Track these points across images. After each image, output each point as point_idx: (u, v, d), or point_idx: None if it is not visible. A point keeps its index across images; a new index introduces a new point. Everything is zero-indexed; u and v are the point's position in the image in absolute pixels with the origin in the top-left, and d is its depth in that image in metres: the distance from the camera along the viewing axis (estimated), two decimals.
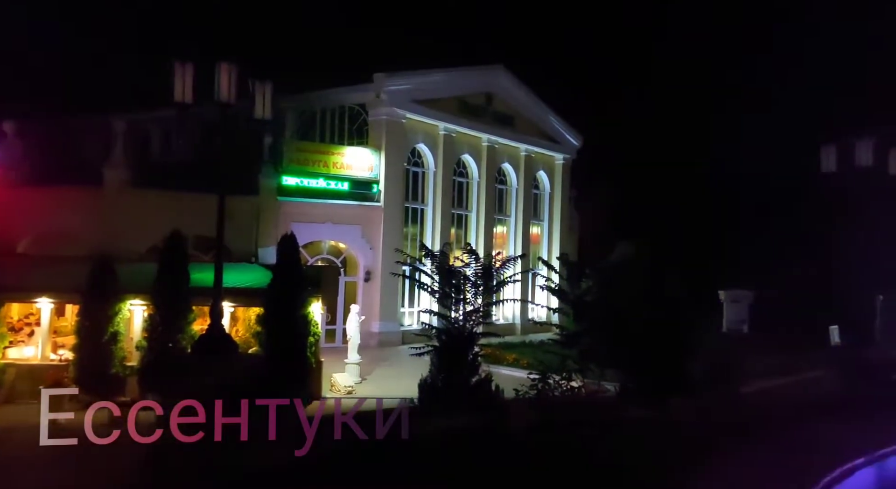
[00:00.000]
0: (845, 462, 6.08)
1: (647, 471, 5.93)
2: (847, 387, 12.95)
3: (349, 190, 22.73)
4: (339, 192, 22.41)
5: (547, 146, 30.83)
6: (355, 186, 22.89)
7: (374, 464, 6.92)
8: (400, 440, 7.18)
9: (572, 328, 15.65)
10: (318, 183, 22.05)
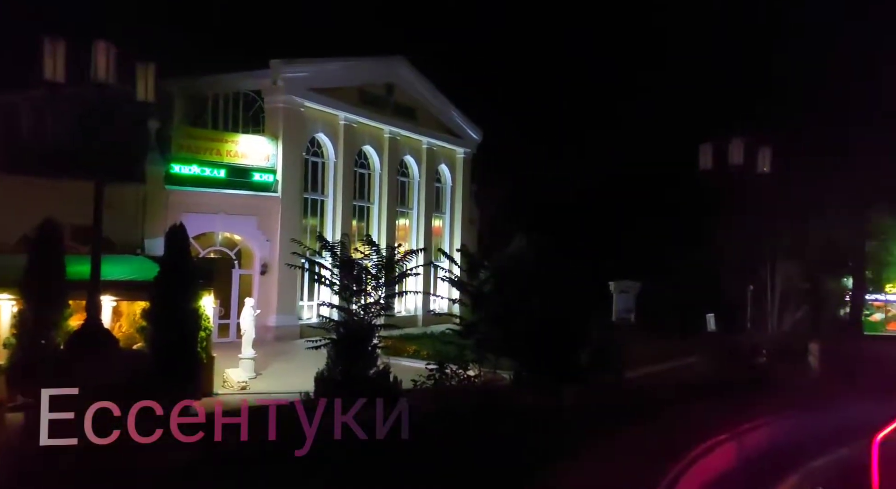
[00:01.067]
0: (710, 437, 6.56)
1: (538, 452, 6.13)
2: (718, 370, 13.95)
3: (244, 180, 21.93)
4: (233, 182, 21.57)
5: (448, 140, 31.11)
6: (251, 176, 22.12)
7: (264, 463, 6.72)
8: (293, 434, 7.03)
9: (470, 319, 15.94)
10: (210, 172, 21.12)
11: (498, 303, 14.97)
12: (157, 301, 11.93)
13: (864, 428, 6.64)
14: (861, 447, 6.63)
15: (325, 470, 6.18)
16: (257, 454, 6.76)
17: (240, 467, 6.46)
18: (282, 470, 6.43)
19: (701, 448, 6.45)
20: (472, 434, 7.59)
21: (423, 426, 8.18)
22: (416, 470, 5.93)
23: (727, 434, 6.99)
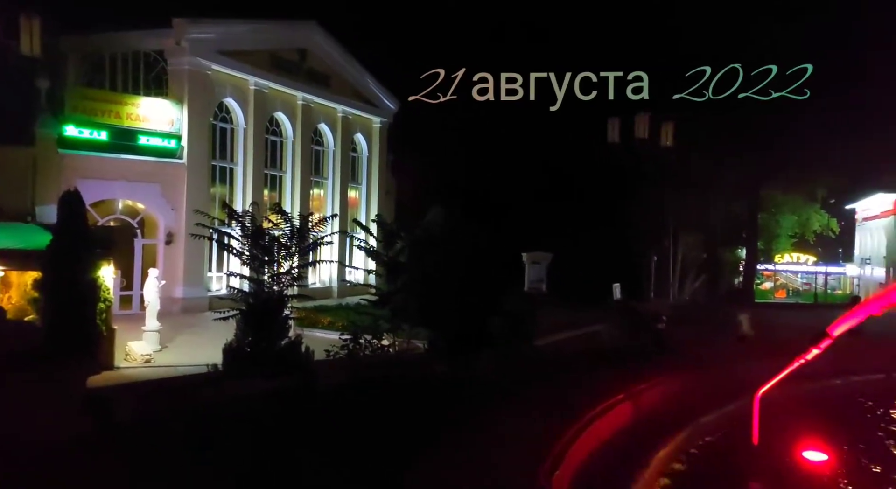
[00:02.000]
0: (609, 397, 6.89)
1: (449, 416, 6.25)
2: (622, 336, 14.62)
3: (146, 145, 20.78)
4: (134, 147, 20.40)
5: (364, 109, 30.61)
6: (154, 141, 20.99)
7: (169, 433, 6.52)
8: (197, 404, 6.84)
9: (386, 289, 15.92)
10: (108, 135, 19.88)
11: (413, 274, 15.02)
12: (50, 270, 11.21)
13: (750, 385, 7.15)
14: (745, 402, 7.13)
15: (231, 441, 6.06)
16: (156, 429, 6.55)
17: (137, 444, 6.23)
18: (180, 444, 6.24)
19: (600, 407, 6.77)
20: (386, 401, 7.63)
21: (335, 395, 8.18)
22: (324, 439, 5.91)
23: (624, 394, 7.36)
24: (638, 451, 6.15)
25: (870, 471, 6.82)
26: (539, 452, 5.10)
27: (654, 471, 5.92)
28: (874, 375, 9.40)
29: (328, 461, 5.30)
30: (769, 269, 38.16)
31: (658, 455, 6.21)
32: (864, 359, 10.04)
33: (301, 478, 4.99)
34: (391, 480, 4.56)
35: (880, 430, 8.46)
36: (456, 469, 5.02)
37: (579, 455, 5.65)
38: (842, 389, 9.84)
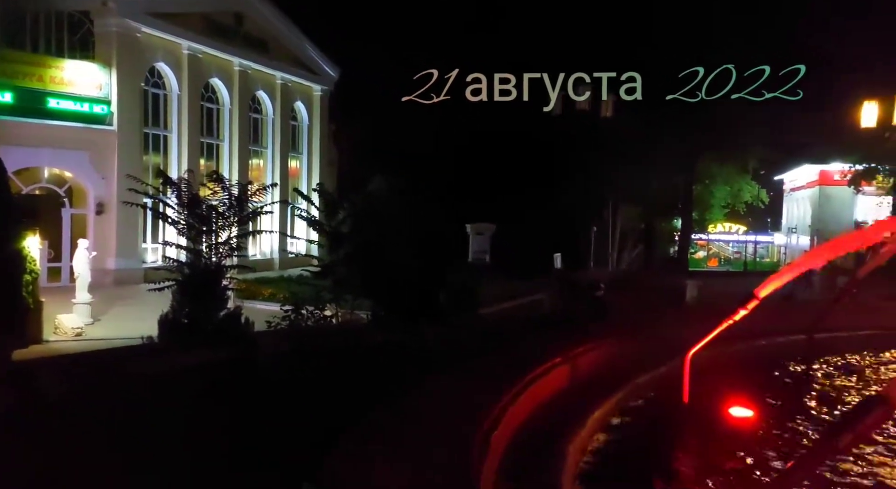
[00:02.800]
0: (547, 362, 7.04)
1: (391, 384, 6.27)
2: (562, 304, 14.95)
3: (73, 110, 19.77)
4: (59, 112, 19.38)
5: (304, 76, 29.86)
6: (80, 106, 19.97)
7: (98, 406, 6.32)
8: (129, 377, 6.65)
9: (328, 260, 15.76)
10: (31, 100, 18.81)
11: (357, 244, 14.90)
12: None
13: (683, 347, 7.39)
14: (678, 363, 7.38)
15: (164, 413, 5.93)
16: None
17: (63, 419, 6.03)
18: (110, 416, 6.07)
19: (540, 370, 6.93)
20: (328, 371, 7.59)
21: (276, 365, 8.09)
22: (262, 409, 5.85)
23: (563, 357, 7.55)
24: (575, 411, 6.34)
25: (789, 426, 7.22)
26: (479, 415, 5.19)
27: (590, 430, 6.12)
28: (796, 336, 9.91)
29: (267, 430, 5.26)
30: (703, 239, 39.53)
31: (594, 415, 6.42)
32: (788, 322, 10.57)
33: (234, 449, 4.93)
34: (327, 446, 4.55)
35: (799, 388, 8.97)
36: (395, 433, 5.06)
37: (519, 416, 5.79)
38: (766, 350, 10.37)
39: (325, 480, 4.11)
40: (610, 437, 6.49)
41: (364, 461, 4.39)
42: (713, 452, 6.14)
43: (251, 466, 4.51)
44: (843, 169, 29.40)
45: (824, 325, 10.20)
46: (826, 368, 10.16)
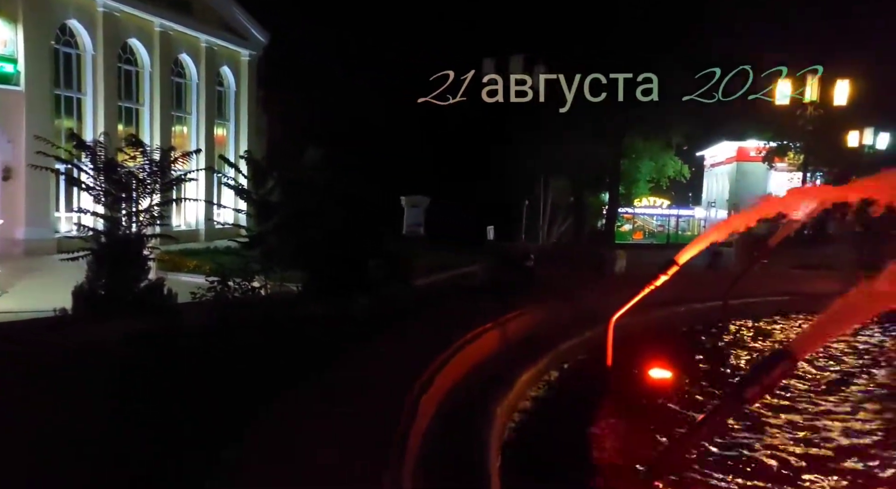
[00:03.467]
0: (477, 328, 7.14)
1: (319, 354, 6.20)
2: (494, 275, 15.17)
3: None
4: None
5: (231, 40, 28.72)
6: None
7: None
8: (39, 350, 6.32)
9: (257, 230, 15.37)
10: None
11: (288, 213, 14.61)
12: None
13: (608, 313, 7.66)
14: (603, 329, 7.63)
15: (75, 387, 5.67)
16: None
17: None
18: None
19: (470, 335, 7.01)
20: (255, 342, 7.44)
21: (200, 337, 7.86)
22: (184, 380, 5.68)
23: (493, 323, 7.66)
24: (503, 375, 6.46)
25: (704, 386, 7.62)
26: (408, 379, 5.21)
27: (517, 392, 6.26)
28: (713, 303, 10.41)
29: (187, 402, 5.12)
30: (629, 212, 40.85)
31: (522, 378, 6.56)
32: (706, 290, 11.08)
33: (153, 421, 4.78)
34: (253, 415, 4.48)
35: (714, 351, 9.46)
36: (325, 398, 5.03)
37: (448, 380, 5.85)
38: (685, 316, 10.85)
39: (248, 447, 4.05)
40: (537, 398, 6.66)
41: (286, 429, 4.35)
42: (633, 411, 6.40)
43: (157, 447, 4.37)
44: (758, 146, 30.82)
45: (740, 292, 10.77)
46: (739, 332, 10.73)
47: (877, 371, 8.60)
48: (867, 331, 10.71)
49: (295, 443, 4.06)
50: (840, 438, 5.93)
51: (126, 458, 4.25)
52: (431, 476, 4.04)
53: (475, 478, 4.05)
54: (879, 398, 7.39)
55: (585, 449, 5.33)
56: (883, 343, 10.20)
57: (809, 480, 5.00)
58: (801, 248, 21.62)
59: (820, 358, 9.00)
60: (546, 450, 5.30)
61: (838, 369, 8.62)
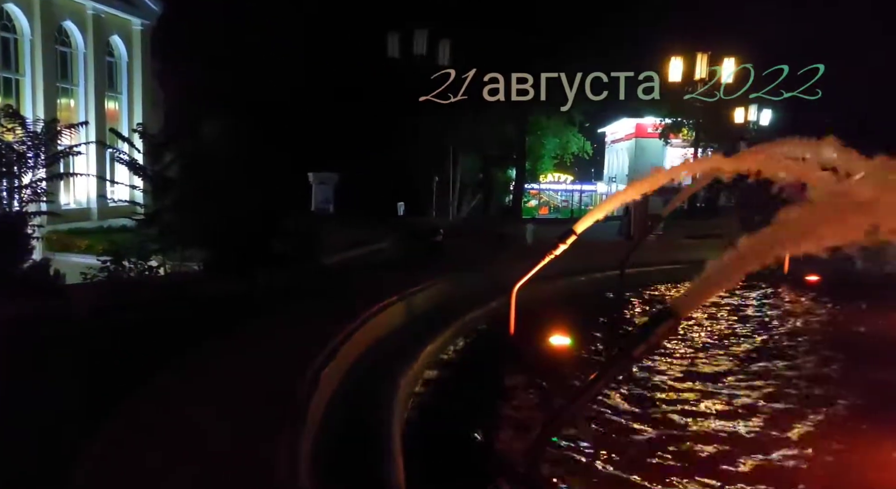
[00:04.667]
0: (383, 300, 7.19)
1: (220, 331, 6.06)
2: (403, 250, 15.26)
3: None
4: None
5: (120, 7, 26.94)
6: None
7: None
8: None
9: (154, 207, 14.69)
10: None
11: (187, 189, 14.00)
12: None
13: (513, 284, 7.87)
14: (507, 299, 7.85)
15: None
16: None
17: None
18: None
19: (376, 308, 7.05)
20: (152, 322, 7.17)
21: (92, 319, 7.50)
22: (71, 362, 5.42)
23: (398, 296, 7.73)
24: (409, 347, 6.56)
25: (601, 351, 8.02)
26: (309, 352, 5.19)
27: (422, 364, 6.37)
28: (611, 272, 10.91)
29: (74, 382, 4.89)
30: (535, 188, 41.90)
31: (426, 349, 6.68)
32: (605, 259, 11.59)
33: (34, 402, 4.55)
34: (145, 390, 4.35)
35: (611, 318, 9.95)
36: (224, 373, 4.94)
37: (352, 353, 5.87)
38: (585, 285, 11.33)
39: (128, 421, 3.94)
40: (440, 370, 6.80)
41: (174, 405, 4.26)
42: (533, 376, 6.66)
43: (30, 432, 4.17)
44: (655, 122, 32.27)
45: (636, 262, 11.34)
46: (635, 299, 11.34)
47: (756, 336, 9.34)
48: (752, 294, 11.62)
49: (187, 416, 3.98)
50: (719, 398, 6.44)
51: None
52: (333, 443, 4.08)
53: (377, 443, 4.12)
54: (758, 359, 8.04)
55: (485, 415, 5.51)
56: (763, 305, 11.10)
57: (695, 441, 5.38)
58: (693, 220, 22.99)
59: (705, 322, 9.69)
60: (448, 417, 5.44)
61: (719, 331, 9.31)
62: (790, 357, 7.80)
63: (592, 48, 23.70)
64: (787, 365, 7.43)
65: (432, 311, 8.14)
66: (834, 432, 5.25)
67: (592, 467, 4.60)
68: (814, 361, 7.57)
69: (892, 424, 5.21)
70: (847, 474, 4.52)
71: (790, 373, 7.09)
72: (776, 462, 4.71)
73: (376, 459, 3.91)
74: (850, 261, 11.39)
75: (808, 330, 9.28)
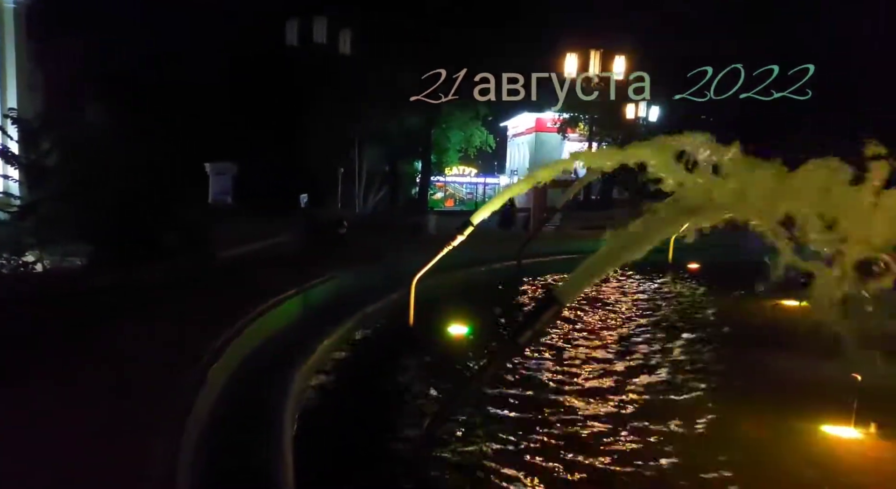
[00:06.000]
0: (280, 294, 7.06)
1: (101, 325, 5.74)
2: (305, 242, 15.00)
3: None
4: None
5: None
6: None
7: None
8: None
9: (30, 198, 13.70)
10: None
11: (68, 180, 13.13)
12: None
13: (415, 275, 7.90)
14: (407, 291, 7.88)
15: None
16: None
17: None
18: None
19: (272, 302, 6.90)
20: (26, 318, 6.69)
21: None
22: None
23: (296, 290, 7.60)
24: (306, 341, 6.46)
25: (498, 336, 8.23)
26: (196, 348, 5.02)
27: (318, 357, 6.30)
28: (509, 262, 11.21)
29: None
30: (440, 181, 42.22)
31: (323, 343, 6.60)
32: (504, 250, 11.89)
33: None
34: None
35: (508, 307, 10.24)
36: (104, 368, 4.69)
37: (245, 348, 5.72)
38: (484, 275, 11.58)
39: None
40: (337, 364, 6.76)
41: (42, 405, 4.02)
42: (430, 365, 6.74)
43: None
44: (554, 117, 33.25)
45: (535, 252, 11.71)
46: (530, 288, 11.70)
47: (642, 319, 9.88)
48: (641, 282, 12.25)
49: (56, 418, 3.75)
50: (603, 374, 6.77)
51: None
52: (220, 443, 3.96)
53: (266, 440, 4.04)
54: (640, 341, 8.51)
55: (380, 406, 5.53)
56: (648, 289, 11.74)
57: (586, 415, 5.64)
58: (589, 212, 23.95)
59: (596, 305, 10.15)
60: (342, 410, 5.41)
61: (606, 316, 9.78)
62: (661, 340, 8.33)
63: (491, 44, 24.06)
64: (659, 348, 7.93)
65: (332, 305, 8.06)
66: (700, 411, 5.63)
67: (480, 452, 4.73)
68: (683, 345, 8.10)
69: (752, 402, 5.66)
70: (706, 449, 4.85)
71: (662, 356, 7.54)
72: (648, 440, 5.01)
73: (264, 456, 3.84)
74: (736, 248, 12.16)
75: (681, 314, 9.92)
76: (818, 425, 5.01)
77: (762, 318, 9.27)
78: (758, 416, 5.29)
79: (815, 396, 5.45)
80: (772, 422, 5.11)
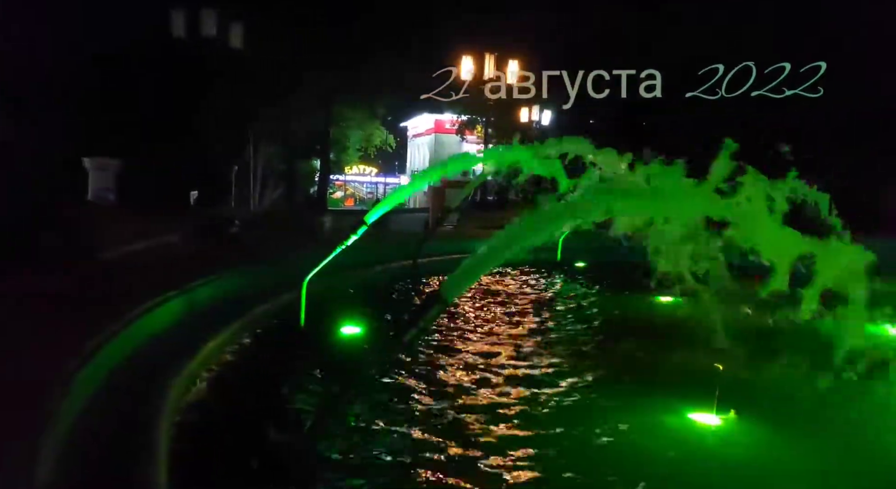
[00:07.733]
0: (159, 295, 6.77)
1: None
2: (196, 242, 14.41)
3: None
4: None
5: None
6: None
7: None
8: None
9: None
10: None
11: None
12: None
13: (307, 275, 7.78)
14: (298, 291, 7.76)
15: None
16: None
17: None
18: None
19: (151, 304, 6.58)
20: None
21: None
22: None
23: (180, 290, 7.30)
24: (188, 344, 6.21)
25: (390, 336, 8.23)
26: (66, 354, 4.71)
27: (202, 361, 6.08)
28: (404, 262, 11.25)
29: None
30: (340, 180, 41.77)
31: (208, 346, 6.38)
32: (403, 250, 11.92)
33: None
34: None
35: (402, 306, 10.30)
36: None
37: (121, 351, 5.44)
38: (380, 275, 11.58)
39: None
40: (224, 365, 6.55)
41: None
42: (319, 366, 6.67)
43: None
44: (453, 118, 33.77)
45: (432, 251, 11.82)
46: (425, 287, 11.81)
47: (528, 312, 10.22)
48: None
49: None
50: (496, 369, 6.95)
51: None
52: (85, 455, 3.74)
53: (138, 449, 3.86)
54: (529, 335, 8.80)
55: (264, 408, 5.40)
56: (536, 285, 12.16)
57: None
58: (486, 212, 24.47)
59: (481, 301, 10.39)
60: (224, 415, 5.24)
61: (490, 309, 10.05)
62: (547, 334, 8.68)
63: (392, 43, 24.05)
64: (547, 341, 8.26)
65: (220, 306, 7.79)
66: (574, 399, 5.91)
67: (370, 448, 4.75)
68: (567, 339, 8.47)
69: (629, 394, 5.99)
70: (575, 434, 5.10)
71: (548, 350, 7.85)
72: (522, 428, 5.21)
73: (136, 467, 3.67)
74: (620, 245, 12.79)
75: (567, 311, 10.36)
76: (683, 411, 5.38)
77: (640, 313, 9.83)
78: (628, 403, 5.63)
79: (682, 385, 5.85)
80: (640, 409, 5.45)
